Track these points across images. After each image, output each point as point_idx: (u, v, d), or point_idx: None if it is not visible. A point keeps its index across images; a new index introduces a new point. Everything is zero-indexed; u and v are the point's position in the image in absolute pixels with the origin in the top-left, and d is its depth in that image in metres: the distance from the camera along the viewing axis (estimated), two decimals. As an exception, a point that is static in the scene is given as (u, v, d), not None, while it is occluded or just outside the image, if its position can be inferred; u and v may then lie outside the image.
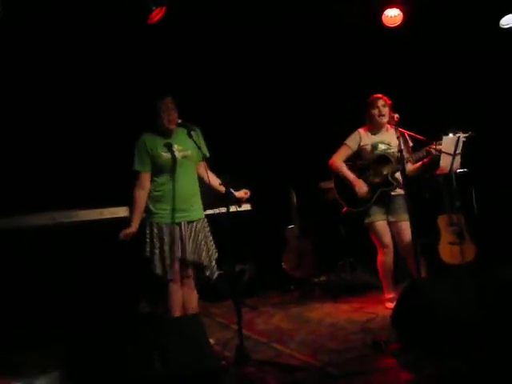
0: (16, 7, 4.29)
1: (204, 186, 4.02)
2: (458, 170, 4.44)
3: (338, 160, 4.57)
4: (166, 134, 3.80)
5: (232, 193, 3.81)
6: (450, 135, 4.14)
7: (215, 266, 3.87)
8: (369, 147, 4.52)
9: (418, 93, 5.55)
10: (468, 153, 4.45)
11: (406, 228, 4.31)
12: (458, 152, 4.11)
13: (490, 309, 3.19)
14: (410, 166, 4.39)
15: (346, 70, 5.85)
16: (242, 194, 3.96)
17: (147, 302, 5.02)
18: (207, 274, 3.83)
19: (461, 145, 4.11)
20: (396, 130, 4.05)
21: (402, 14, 5.29)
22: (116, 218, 4.37)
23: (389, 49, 5.63)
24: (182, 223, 3.73)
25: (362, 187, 4.47)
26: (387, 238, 4.46)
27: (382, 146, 4.49)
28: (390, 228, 4.47)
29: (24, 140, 5.03)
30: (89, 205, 4.68)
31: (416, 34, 5.44)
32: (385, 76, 5.40)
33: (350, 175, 4.52)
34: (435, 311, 3.15)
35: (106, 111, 5.28)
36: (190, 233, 3.76)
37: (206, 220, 3.92)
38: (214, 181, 3.92)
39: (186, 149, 3.78)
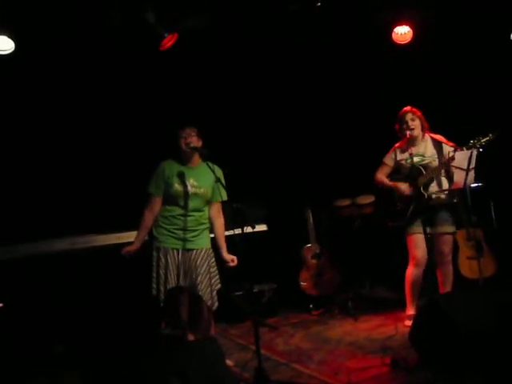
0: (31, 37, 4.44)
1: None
2: (473, 185, 4.43)
3: (380, 175, 4.65)
4: (186, 162, 3.90)
5: (221, 253, 3.97)
6: (464, 150, 4.13)
7: (215, 297, 3.91)
8: (404, 162, 4.54)
9: (430, 108, 5.55)
10: (487, 166, 4.45)
11: (444, 240, 4.38)
12: (471, 167, 4.09)
13: (510, 325, 3.16)
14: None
15: (361, 87, 5.88)
16: (229, 258, 3.98)
17: (166, 324, 5.04)
18: (208, 303, 3.85)
19: (474, 160, 4.09)
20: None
21: (411, 31, 5.33)
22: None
23: (400, 65, 5.65)
24: (182, 250, 3.82)
25: (403, 185, 4.47)
26: (420, 252, 4.38)
27: (415, 159, 4.42)
28: (432, 240, 4.42)
29: (44, 166, 5.15)
30: (107, 230, 4.77)
31: (426, 49, 5.46)
32: (397, 92, 5.42)
33: (390, 182, 4.57)
34: (453, 328, 3.12)
35: (127, 138, 5.38)
36: (190, 260, 3.84)
37: (211, 250, 3.97)
38: (220, 229, 4.01)
39: (201, 186, 3.88)
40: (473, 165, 4.12)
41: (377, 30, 5.31)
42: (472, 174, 4.18)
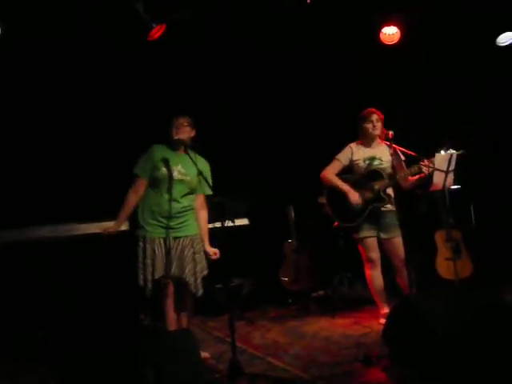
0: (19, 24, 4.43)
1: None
2: (452, 187, 4.49)
3: (330, 173, 4.60)
4: (176, 150, 3.93)
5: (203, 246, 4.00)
6: (443, 152, 4.19)
7: (200, 284, 3.91)
8: (361, 162, 4.55)
9: (414, 109, 5.62)
10: (466, 169, 4.51)
11: (398, 243, 4.34)
12: (451, 169, 4.15)
13: (480, 326, 3.22)
14: (403, 182, 4.43)
15: (344, 86, 5.93)
16: (212, 251, 4.02)
17: (146, 315, 5.07)
18: (191, 289, 3.86)
19: (454, 162, 4.15)
20: (390, 146, 4.12)
21: (399, 31, 5.37)
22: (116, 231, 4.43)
23: (386, 66, 5.69)
24: (169, 239, 3.81)
25: (355, 195, 4.46)
26: (374, 254, 4.48)
27: (374, 162, 4.51)
28: (383, 245, 4.49)
29: (27, 152, 5.14)
30: (89, 218, 4.78)
31: (413, 51, 5.51)
32: (381, 92, 5.46)
33: (343, 185, 4.53)
34: (425, 327, 3.18)
35: (110, 125, 5.38)
36: (176, 249, 3.83)
37: (197, 237, 3.97)
38: (203, 222, 4.05)
39: (187, 174, 3.90)
40: (452, 167, 4.18)
41: (365, 30, 5.35)
42: (451, 176, 4.24)
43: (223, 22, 5.10)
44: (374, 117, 4.50)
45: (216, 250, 4.01)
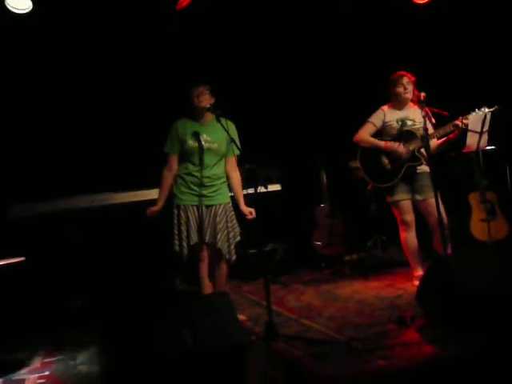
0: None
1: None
2: (486, 148, 4.42)
3: (365, 135, 4.56)
4: (198, 119, 3.97)
5: (239, 206, 4.07)
6: (477, 112, 4.11)
7: (233, 250, 3.99)
8: (394, 123, 4.50)
9: (446, 70, 5.50)
10: (502, 128, 4.43)
11: (433, 205, 4.29)
12: (485, 129, 4.08)
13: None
14: (433, 143, 4.35)
15: (374, 47, 5.83)
16: (247, 210, 4.06)
17: (181, 280, 5.21)
18: (225, 256, 3.95)
19: (487, 122, 4.08)
20: (422, 108, 4.06)
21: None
22: (150, 199, 4.53)
23: (416, 25, 5.56)
24: (202, 207, 3.89)
25: (399, 147, 4.40)
26: (409, 216, 4.45)
27: (407, 122, 4.46)
28: (418, 206, 4.46)
29: (64, 126, 5.26)
30: (124, 188, 4.88)
31: (445, 10, 5.37)
32: (412, 52, 5.36)
33: (381, 142, 4.49)
34: (458, 288, 3.18)
35: (142, 99, 5.45)
36: (210, 216, 3.92)
37: (230, 204, 4.05)
38: (236, 183, 4.10)
39: (214, 141, 3.94)
40: (486, 127, 4.11)
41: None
42: (485, 136, 4.17)
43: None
44: (405, 80, 4.43)
45: (252, 210, 4.06)
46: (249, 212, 4.06)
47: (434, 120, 4.42)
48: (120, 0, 4.80)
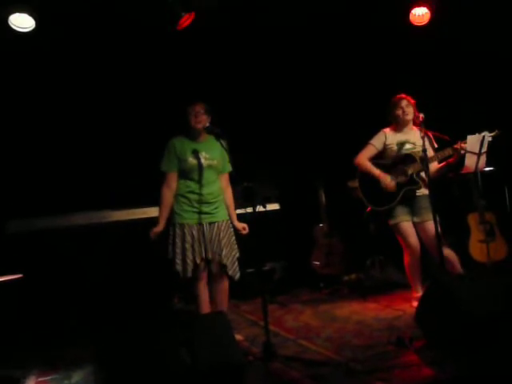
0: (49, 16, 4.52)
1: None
2: (485, 169, 4.44)
3: (364, 158, 4.59)
4: (195, 138, 3.98)
5: (232, 222, 4.08)
6: (475, 134, 4.14)
7: (237, 267, 3.97)
8: (394, 146, 4.52)
9: (445, 92, 5.53)
10: (500, 150, 4.44)
11: (431, 228, 4.29)
12: (483, 151, 4.10)
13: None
14: (433, 167, 4.39)
15: (374, 69, 5.88)
16: (240, 226, 4.08)
17: (179, 299, 5.18)
18: (229, 273, 3.94)
19: (486, 144, 4.10)
20: (421, 129, 4.09)
21: (429, 12, 5.29)
22: (147, 218, 4.53)
23: (416, 48, 5.61)
24: (205, 224, 3.89)
25: (388, 181, 4.45)
26: (412, 239, 4.43)
27: (407, 146, 4.48)
28: (416, 229, 4.47)
29: (63, 143, 5.27)
30: (122, 205, 4.88)
31: (443, 32, 5.42)
32: (412, 75, 5.40)
33: (376, 171, 4.51)
34: (458, 307, 3.17)
35: (139, 116, 5.47)
36: (213, 233, 3.91)
37: (229, 221, 4.05)
38: (229, 199, 4.11)
39: (213, 158, 3.96)
40: (484, 149, 4.13)
41: (393, 10, 5.28)
42: (484, 158, 4.19)
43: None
44: (404, 102, 4.46)
45: (245, 225, 4.08)
46: (242, 227, 4.07)
47: (436, 145, 4.44)
48: (121, 20, 4.81)
